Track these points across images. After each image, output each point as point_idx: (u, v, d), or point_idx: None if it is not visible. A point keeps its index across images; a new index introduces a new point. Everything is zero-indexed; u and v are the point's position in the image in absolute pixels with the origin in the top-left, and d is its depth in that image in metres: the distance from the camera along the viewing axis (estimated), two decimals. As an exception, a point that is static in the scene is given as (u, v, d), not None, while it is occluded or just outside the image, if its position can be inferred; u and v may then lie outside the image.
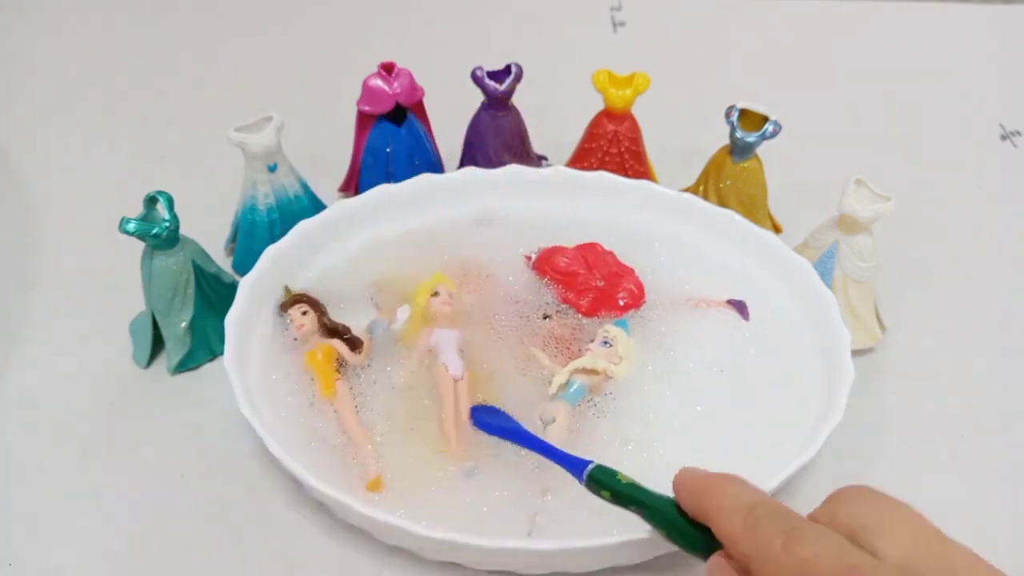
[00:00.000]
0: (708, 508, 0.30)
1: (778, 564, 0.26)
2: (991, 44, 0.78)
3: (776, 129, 0.49)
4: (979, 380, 0.48)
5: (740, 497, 0.29)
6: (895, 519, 0.27)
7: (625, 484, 0.33)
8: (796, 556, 0.26)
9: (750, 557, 0.27)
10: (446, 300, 0.45)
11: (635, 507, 0.33)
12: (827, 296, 0.44)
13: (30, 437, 0.44)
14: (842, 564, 0.25)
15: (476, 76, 0.52)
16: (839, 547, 0.26)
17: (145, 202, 0.44)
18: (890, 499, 0.28)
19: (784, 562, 0.26)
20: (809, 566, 0.26)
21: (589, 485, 0.34)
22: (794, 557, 0.26)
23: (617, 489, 0.33)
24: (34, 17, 0.77)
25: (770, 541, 0.27)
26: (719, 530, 0.29)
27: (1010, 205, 0.60)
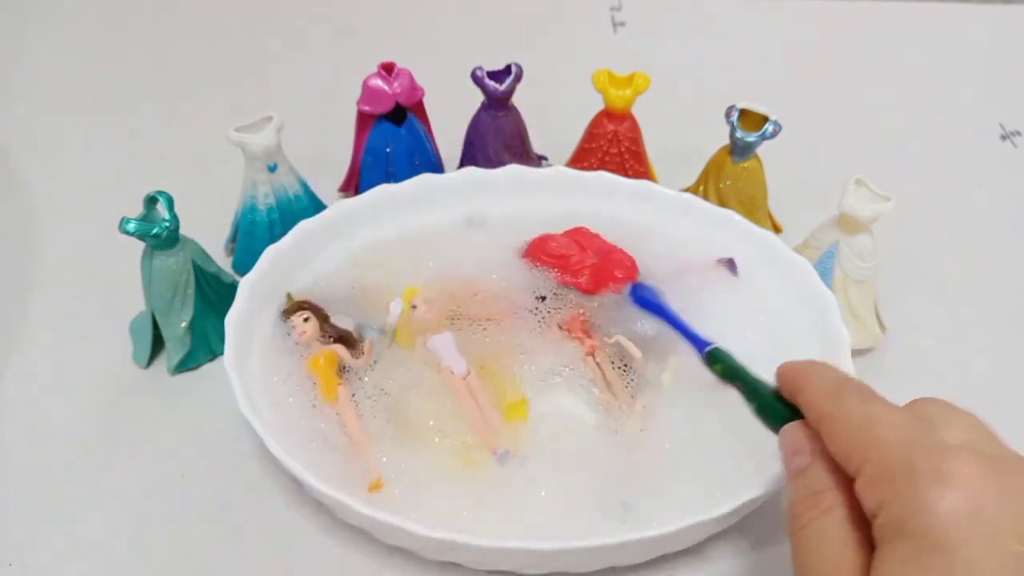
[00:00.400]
0: (802, 381, 0.32)
1: (849, 416, 0.29)
2: (991, 44, 0.78)
3: (776, 129, 0.49)
4: (979, 380, 0.48)
5: (832, 373, 0.32)
6: (960, 417, 0.29)
7: (736, 363, 0.37)
8: (866, 412, 0.29)
9: (826, 414, 0.30)
10: (425, 308, 0.45)
11: (738, 382, 0.37)
12: (827, 296, 0.44)
13: (30, 437, 0.44)
14: (905, 422, 0.28)
15: (476, 76, 0.52)
16: (905, 414, 0.29)
17: (145, 202, 0.44)
18: (959, 407, 0.30)
19: (855, 413, 0.29)
20: (877, 419, 0.28)
21: (706, 361, 0.39)
22: (866, 411, 0.29)
23: (728, 365, 0.37)
24: (34, 17, 0.77)
25: (848, 400, 0.30)
26: (806, 396, 0.31)
27: (1010, 205, 0.60)
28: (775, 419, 0.34)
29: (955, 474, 0.25)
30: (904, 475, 0.26)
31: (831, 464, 0.29)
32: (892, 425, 0.28)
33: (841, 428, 0.29)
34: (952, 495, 0.25)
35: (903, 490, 0.26)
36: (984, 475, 0.25)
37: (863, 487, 0.27)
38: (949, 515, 0.25)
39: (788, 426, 0.32)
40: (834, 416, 0.29)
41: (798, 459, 0.31)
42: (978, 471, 0.25)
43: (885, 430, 0.28)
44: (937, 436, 0.27)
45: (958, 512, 0.25)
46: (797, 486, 0.30)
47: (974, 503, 0.25)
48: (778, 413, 0.34)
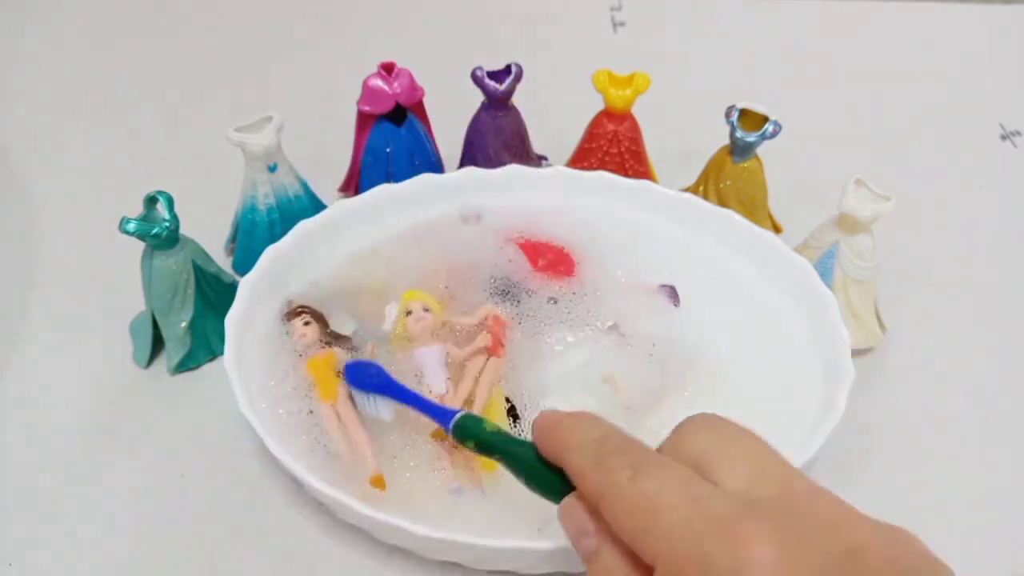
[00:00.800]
0: (560, 445, 0.30)
1: (624, 499, 0.26)
2: (991, 44, 0.78)
3: (776, 129, 0.49)
4: (979, 380, 0.48)
5: (590, 432, 0.29)
6: (737, 448, 0.27)
7: (489, 432, 0.33)
8: (641, 491, 0.26)
9: (598, 494, 0.27)
10: (420, 316, 0.44)
11: (498, 455, 0.33)
12: (827, 296, 0.44)
13: (30, 437, 0.44)
14: (685, 496, 0.25)
15: (476, 76, 0.52)
16: (682, 480, 0.26)
17: (145, 202, 0.44)
18: (733, 427, 0.29)
19: (629, 495, 0.26)
20: (654, 501, 0.26)
21: (455, 436, 0.35)
22: (640, 491, 0.26)
23: (481, 437, 0.34)
24: (34, 17, 0.77)
25: (617, 475, 0.27)
26: (569, 467, 0.29)
27: (1010, 205, 0.60)
28: (550, 492, 0.30)
29: (753, 561, 0.23)
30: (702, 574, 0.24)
31: (621, 543, 0.27)
32: (673, 507, 0.25)
33: (619, 512, 0.26)
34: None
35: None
36: (784, 552, 0.23)
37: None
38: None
39: (565, 503, 0.29)
40: (607, 495, 0.27)
41: (585, 541, 0.28)
42: (778, 551, 0.23)
43: (667, 515, 0.25)
44: (723, 501, 0.25)
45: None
46: (593, 572, 0.28)
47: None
48: (551, 484, 0.30)
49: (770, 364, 0.44)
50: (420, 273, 0.47)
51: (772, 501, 0.26)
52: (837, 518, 0.25)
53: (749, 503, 0.25)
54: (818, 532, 0.24)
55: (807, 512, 0.25)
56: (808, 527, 0.24)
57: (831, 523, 0.25)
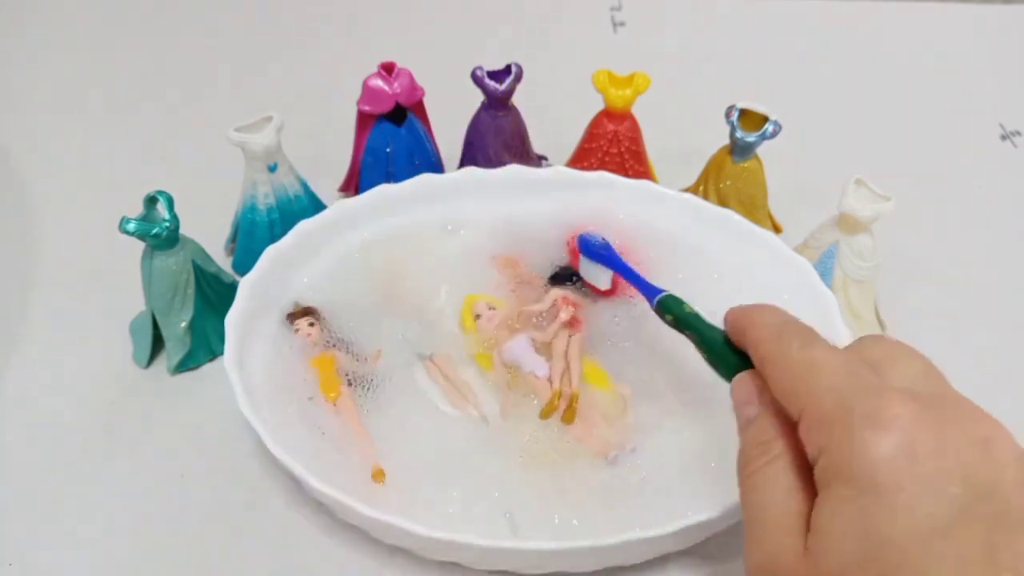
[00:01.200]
0: (747, 324, 0.32)
1: (789, 360, 0.29)
2: (991, 44, 0.78)
3: (776, 129, 0.49)
4: (979, 380, 0.48)
5: (775, 314, 0.32)
6: (905, 357, 0.29)
7: (687, 311, 0.38)
8: (805, 356, 0.29)
9: (769, 358, 0.30)
10: (489, 316, 0.45)
11: (690, 331, 0.37)
12: (827, 296, 0.44)
13: (30, 437, 0.44)
14: (844, 366, 0.28)
15: (476, 76, 0.52)
16: (846, 357, 0.28)
17: (145, 202, 0.44)
18: (907, 346, 0.30)
19: (796, 358, 0.29)
20: (816, 363, 0.28)
21: (658, 309, 0.39)
22: (805, 355, 0.29)
23: (680, 314, 0.38)
24: (34, 17, 0.77)
25: (789, 343, 0.29)
26: (750, 339, 0.32)
27: (1010, 205, 0.60)
28: (727, 368, 0.33)
29: (892, 418, 0.25)
30: (841, 421, 0.26)
31: (778, 411, 0.29)
32: (831, 370, 0.28)
33: (782, 373, 0.29)
34: (888, 439, 0.25)
35: (840, 435, 0.26)
36: (921, 418, 0.25)
37: (804, 433, 0.27)
38: (885, 459, 0.24)
39: (738, 376, 0.32)
40: (775, 361, 0.29)
41: (748, 409, 0.31)
42: (915, 414, 0.25)
43: (825, 376, 0.27)
44: (877, 379, 0.27)
45: (894, 456, 0.24)
46: (747, 436, 0.30)
47: (910, 447, 0.25)
48: (729, 362, 0.33)
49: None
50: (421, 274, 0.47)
51: (924, 393, 0.27)
52: (982, 418, 0.27)
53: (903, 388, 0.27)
54: (959, 420, 0.26)
55: (954, 407, 0.27)
56: (951, 414, 0.26)
57: (975, 419, 0.27)
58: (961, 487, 0.24)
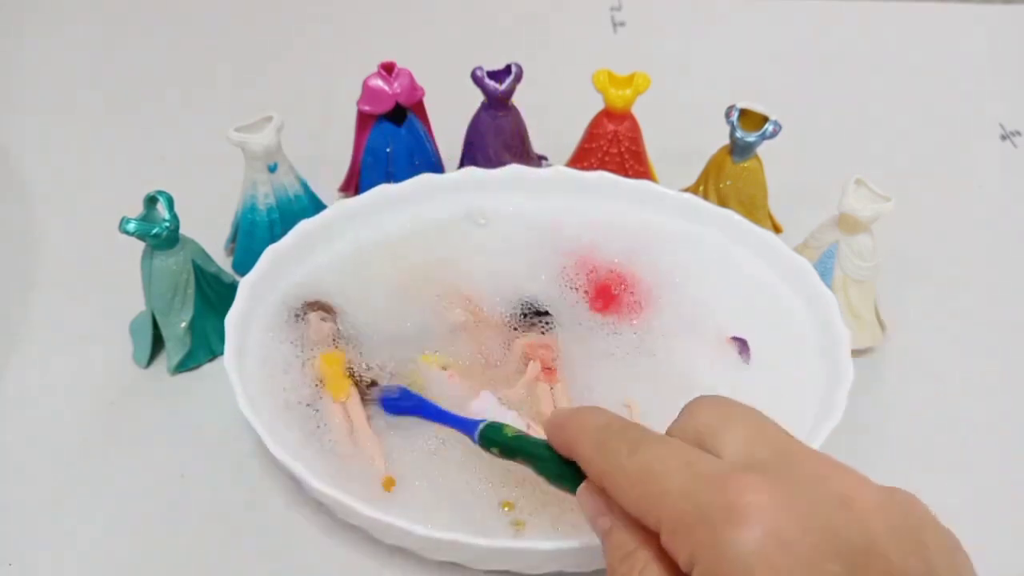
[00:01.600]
0: (569, 437, 0.31)
1: (624, 472, 0.27)
2: (991, 44, 0.78)
3: (776, 129, 0.49)
4: (979, 380, 0.48)
5: (594, 420, 0.30)
6: (736, 421, 0.28)
7: (510, 437, 0.35)
8: (639, 462, 0.27)
9: (602, 473, 0.29)
10: (451, 375, 0.43)
11: (519, 457, 0.34)
12: (827, 296, 0.44)
13: (30, 437, 0.44)
14: (680, 462, 0.26)
15: (476, 76, 0.52)
16: (679, 448, 0.27)
17: (145, 202, 0.44)
18: (736, 404, 0.29)
19: (629, 469, 0.27)
20: (652, 468, 0.27)
21: (481, 444, 0.36)
22: (638, 463, 0.27)
23: (504, 443, 0.35)
24: (34, 17, 0.77)
25: (617, 453, 0.28)
26: (578, 455, 0.30)
27: (1010, 205, 0.60)
28: (570, 484, 0.31)
29: (746, 507, 0.24)
30: (700, 525, 0.24)
31: (631, 520, 0.28)
32: (669, 472, 0.26)
33: (621, 488, 0.28)
34: (752, 532, 0.23)
35: (705, 541, 0.24)
36: (774, 496, 0.24)
37: (668, 544, 0.26)
38: (756, 555, 0.23)
39: (580, 488, 0.31)
40: (610, 473, 0.28)
41: (601, 521, 0.29)
42: (770, 497, 0.24)
43: (664, 479, 0.26)
44: (715, 461, 0.26)
45: (764, 548, 0.23)
46: (608, 549, 0.29)
47: (776, 533, 0.23)
48: (570, 478, 0.31)
49: (770, 364, 0.44)
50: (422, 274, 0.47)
51: (767, 460, 0.26)
52: (832, 472, 0.26)
53: (745, 464, 0.26)
54: (811, 483, 0.25)
55: (802, 467, 0.26)
56: (802, 479, 0.25)
57: (825, 475, 0.26)
58: (838, 562, 0.23)
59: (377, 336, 0.45)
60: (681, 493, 0.26)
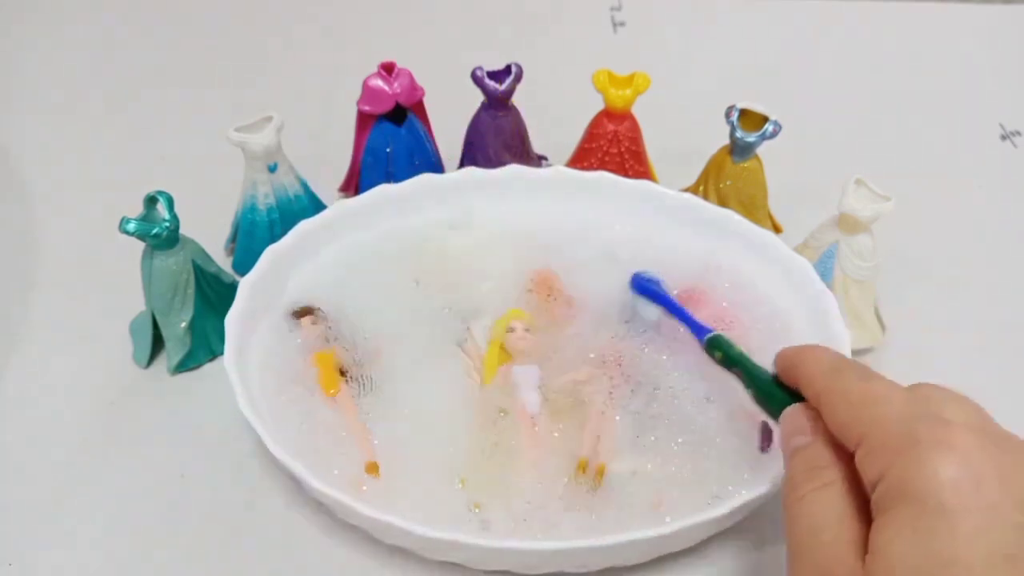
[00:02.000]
0: (800, 361, 0.33)
1: (849, 392, 0.29)
2: (991, 44, 0.78)
3: (776, 129, 0.49)
4: (979, 380, 0.48)
5: (831, 354, 0.33)
6: (959, 400, 0.29)
7: (736, 350, 0.39)
8: (867, 388, 0.29)
9: (824, 391, 0.30)
10: (521, 335, 0.44)
11: (737, 368, 0.38)
12: (827, 296, 0.44)
13: (30, 437, 0.44)
14: (905, 399, 0.28)
15: (476, 76, 0.52)
16: (904, 392, 0.29)
17: (145, 202, 0.44)
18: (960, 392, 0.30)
19: (857, 390, 0.29)
20: (877, 393, 0.29)
21: (707, 348, 0.40)
22: (866, 386, 0.29)
23: (728, 352, 0.38)
24: (34, 17, 0.77)
25: (848, 377, 0.30)
26: (805, 373, 0.32)
27: (1010, 205, 0.60)
28: (775, 404, 0.34)
29: (957, 445, 0.26)
30: (906, 444, 0.26)
31: (831, 442, 0.30)
32: (892, 401, 0.28)
33: (841, 403, 0.29)
34: (954, 464, 0.25)
35: (905, 457, 0.26)
36: (985, 448, 0.26)
37: (863, 458, 0.27)
38: (952, 483, 0.25)
39: (789, 408, 0.33)
40: (833, 392, 0.30)
41: (798, 439, 0.31)
42: (979, 444, 0.26)
43: (885, 406, 0.28)
44: (939, 414, 0.28)
45: (960, 480, 0.25)
46: (797, 462, 0.31)
47: (976, 473, 0.25)
48: (778, 398, 0.34)
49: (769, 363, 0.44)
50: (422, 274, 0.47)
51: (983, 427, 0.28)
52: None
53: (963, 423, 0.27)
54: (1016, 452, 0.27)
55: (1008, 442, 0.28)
56: (1007, 447, 0.27)
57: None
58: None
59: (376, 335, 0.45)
60: (898, 419, 0.27)
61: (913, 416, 0.27)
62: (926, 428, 0.26)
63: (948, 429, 0.26)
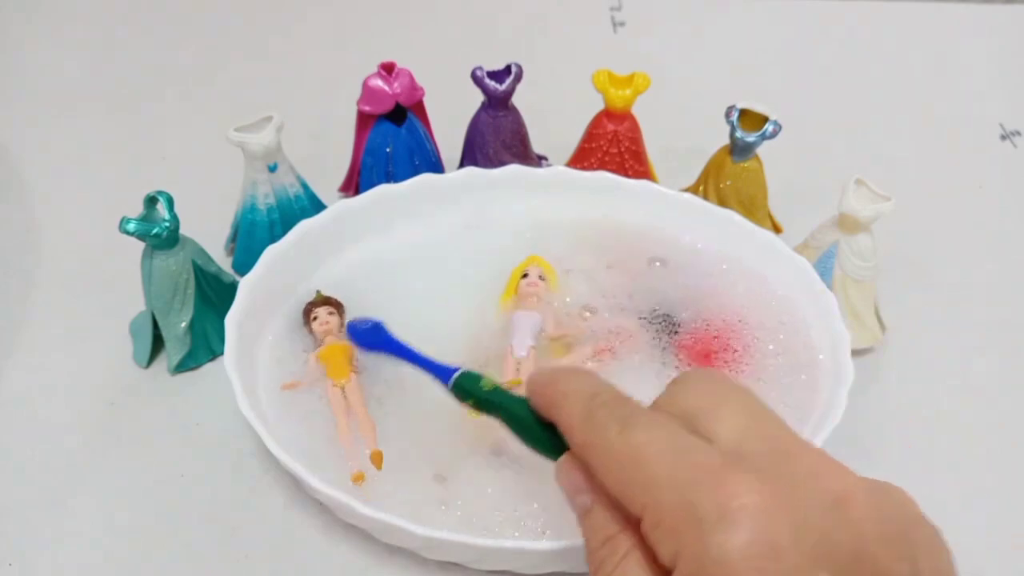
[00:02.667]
0: (552, 401, 0.29)
1: (611, 452, 0.26)
2: (991, 44, 0.78)
3: (776, 129, 0.49)
4: (979, 380, 0.48)
5: (583, 387, 0.29)
6: (729, 402, 0.27)
7: (486, 390, 0.33)
8: (629, 443, 0.26)
9: (587, 446, 0.27)
10: (533, 282, 0.46)
11: (495, 412, 0.32)
12: (827, 296, 0.44)
13: (30, 437, 0.44)
14: (672, 448, 0.25)
15: (476, 76, 0.52)
16: (672, 433, 0.26)
17: (145, 202, 0.44)
18: (727, 383, 0.28)
19: (618, 449, 0.26)
20: (642, 452, 0.26)
21: (455, 393, 0.34)
22: (627, 444, 0.26)
23: (479, 395, 0.33)
24: (34, 17, 0.77)
25: (606, 428, 0.27)
26: (561, 422, 0.29)
27: (1010, 205, 0.60)
28: (547, 450, 0.30)
29: (739, 510, 0.23)
30: (687, 523, 0.24)
31: (615, 500, 0.27)
32: (660, 458, 0.25)
33: (606, 465, 0.26)
34: (742, 537, 0.23)
35: (691, 540, 0.23)
36: (769, 501, 0.23)
37: (651, 532, 0.25)
38: (745, 562, 0.22)
39: (561, 461, 0.29)
40: (595, 448, 0.27)
41: (580, 499, 0.28)
42: (761, 498, 0.23)
43: (653, 467, 0.25)
44: (710, 455, 0.25)
45: (754, 556, 0.22)
46: (587, 529, 0.28)
47: (768, 539, 0.23)
48: (547, 442, 0.30)
49: (770, 363, 0.44)
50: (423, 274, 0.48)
51: (760, 454, 0.25)
52: (825, 470, 0.25)
53: (737, 456, 0.25)
54: (805, 482, 0.24)
55: (795, 464, 0.25)
56: (795, 477, 0.25)
57: (818, 474, 0.25)
58: (828, 569, 0.23)
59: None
60: (670, 484, 0.24)
61: (684, 478, 0.24)
62: (702, 494, 0.24)
63: (725, 487, 0.23)
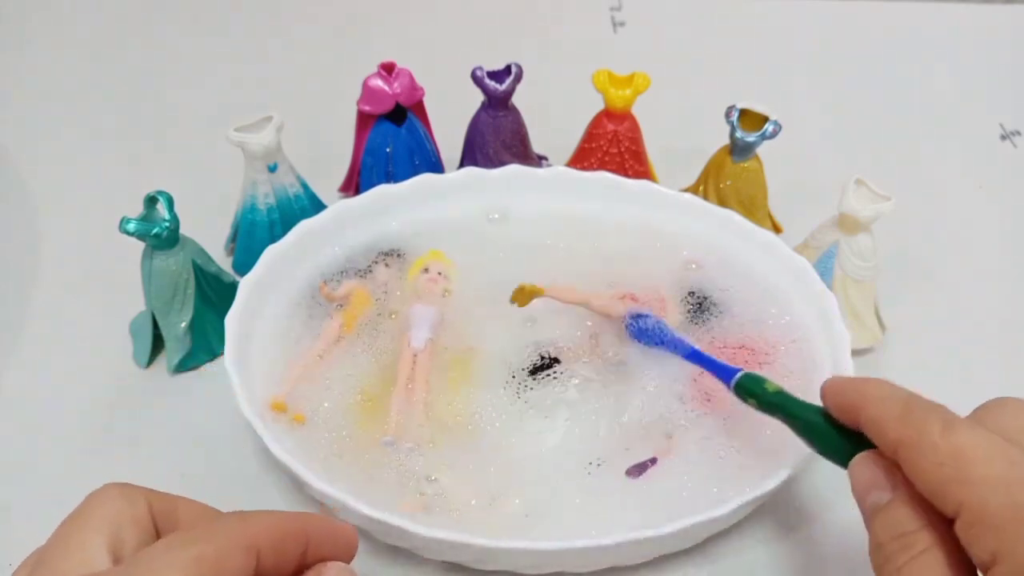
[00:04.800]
0: (859, 402, 0.29)
1: (934, 448, 0.26)
2: (991, 44, 0.78)
3: (776, 129, 0.49)
4: (979, 380, 0.48)
5: (894, 391, 0.29)
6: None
7: (772, 392, 0.34)
8: (953, 442, 0.26)
9: (902, 442, 0.27)
10: (433, 277, 0.46)
11: (781, 415, 0.33)
12: (827, 296, 0.44)
13: (30, 437, 0.44)
14: (1001, 453, 0.25)
15: (476, 76, 0.52)
16: (996, 441, 0.26)
17: (145, 202, 0.44)
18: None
19: (941, 447, 0.26)
20: (966, 452, 0.25)
21: (737, 393, 0.36)
22: (951, 442, 0.26)
23: (763, 397, 0.34)
24: (34, 17, 0.77)
25: (927, 425, 0.27)
26: (869, 420, 0.29)
27: (1010, 205, 0.60)
28: (834, 450, 0.31)
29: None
30: (1015, 523, 0.23)
31: (916, 497, 0.27)
32: (987, 459, 0.25)
33: (927, 463, 0.26)
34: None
35: (1018, 542, 0.23)
36: None
37: (966, 531, 0.25)
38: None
39: (859, 458, 0.29)
40: (915, 447, 0.27)
41: (876, 495, 0.28)
42: None
43: (981, 467, 0.25)
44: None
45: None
46: (881, 525, 0.27)
47: None
48: (836, 444, 0.31)
49: (769, 364, 0.44)
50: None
51: None
52: None
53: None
54: None
55: None
56: None
57: None
58: None
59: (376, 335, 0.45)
60: (998, 484, 0.24)
61: (1014, 481, 0.24)
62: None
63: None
